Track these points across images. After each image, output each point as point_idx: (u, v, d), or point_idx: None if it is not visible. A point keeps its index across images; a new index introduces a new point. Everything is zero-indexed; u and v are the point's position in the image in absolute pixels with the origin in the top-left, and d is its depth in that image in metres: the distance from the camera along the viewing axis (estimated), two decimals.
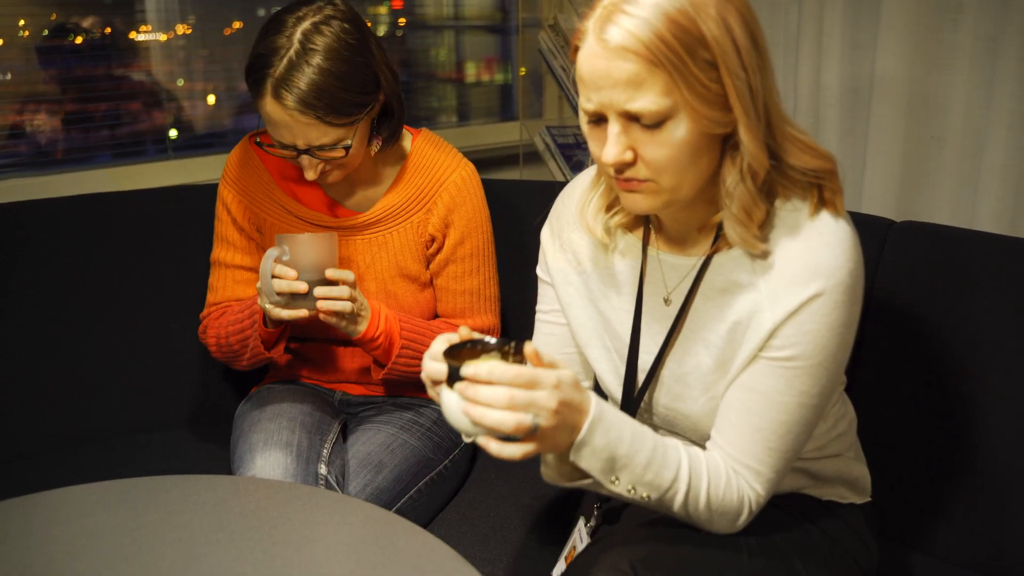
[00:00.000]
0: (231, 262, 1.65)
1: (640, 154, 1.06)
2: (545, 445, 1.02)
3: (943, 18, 1.76)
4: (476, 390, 0.96)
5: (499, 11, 2.86)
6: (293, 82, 1.37)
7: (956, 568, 1.45)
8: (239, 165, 1.63)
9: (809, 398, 1.11)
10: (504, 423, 0.95)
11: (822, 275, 1.08)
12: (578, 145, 2.44)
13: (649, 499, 1.10)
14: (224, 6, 2.31)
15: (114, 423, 1.81)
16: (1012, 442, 1.42)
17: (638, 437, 1.08)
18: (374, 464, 1.51)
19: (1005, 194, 1.71)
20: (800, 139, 1.11)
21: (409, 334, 1.55)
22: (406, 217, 1.61)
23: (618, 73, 1.01)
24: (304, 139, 1.43)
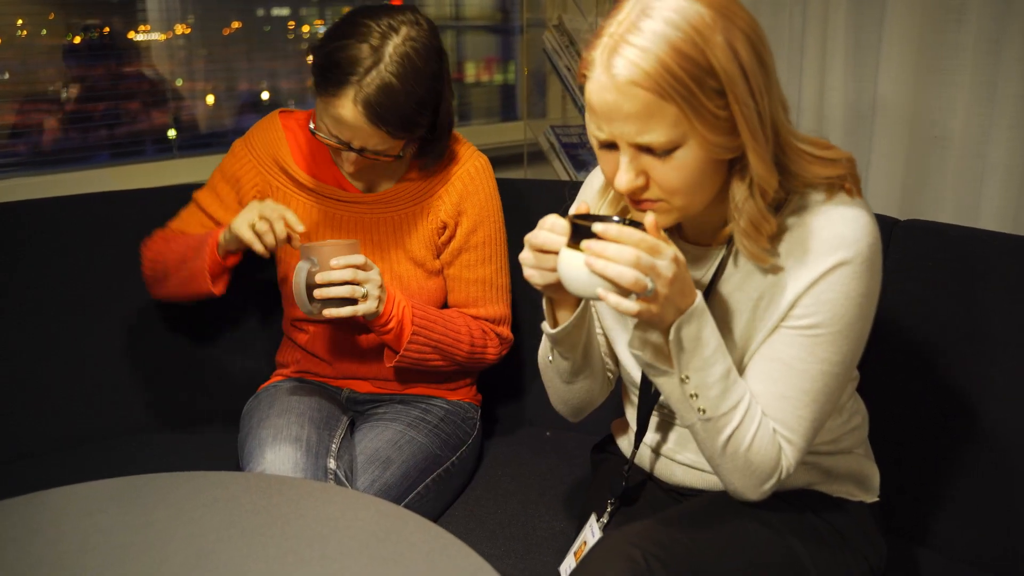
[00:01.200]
0: (208, 208, 1.67)
1: (652, 178, 1.08)
2: (655, 310, 1.04)
3: (947, 19, 1.77)
4: (604, 246, 1.00)
5: (500, 11, 2.86)
6: (378, 98, 1.41)
7: (964, 565, 1.46)
8: (263, 133, 1.66)
9: (831, 366, 1.13)
10: (625, 275, 0.99)
11: (843, 246, 1.10)
12: (582, 144, 2.44)
13: (703, 414, 1.11)
14: (223, 6, 2.30)
15: (115, 423, 1.80)
16: (1019, 439, 1.42)
17: (722, 350, 1.11)
18: (382, 460, 1.51)
19: (1008, 193, 1.72)
20: (809, 151, 1.12)
21: (421, 321, 1.55)
22: (417, 202, 1.63)
23: (628, 107, 1.03)
24: (362, 142, 1.47)
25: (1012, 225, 1.73)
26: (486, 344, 1.66)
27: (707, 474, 1.29)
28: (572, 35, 2.39)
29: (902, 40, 1.80)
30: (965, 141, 1.78)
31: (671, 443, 1.33)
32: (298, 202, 1.64)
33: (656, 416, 1.33)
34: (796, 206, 1.14)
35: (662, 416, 1.33)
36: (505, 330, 1.70)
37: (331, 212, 1.63)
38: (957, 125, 1.78)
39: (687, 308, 1.07)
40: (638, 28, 1.02)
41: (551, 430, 1.86)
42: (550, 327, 1.22)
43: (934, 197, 1.84)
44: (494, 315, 1.68)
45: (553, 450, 1.78)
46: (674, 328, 1.07)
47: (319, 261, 1.44)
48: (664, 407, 1.31)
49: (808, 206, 1.14)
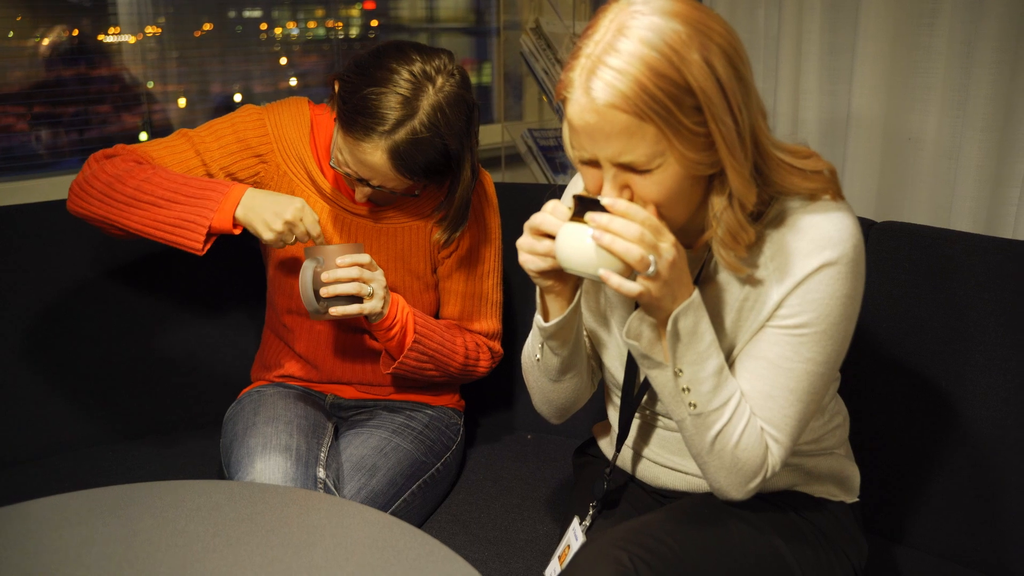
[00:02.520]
0: (203, 151, 1.56)
1: (635, 192, 1.08)
2: (654, 295, 1.06)
3: (919, 23, 1.79)
4: (610, 219, 1.02)
5: (473, 13, 2.86)
6: (407, 150, 1.40)
7: (943, 561, 1.48)
8: (290, 113, 1.60)
9: (816, 366, 1.14)
10: (632, 251, 1.01)
11: (829, 247, 1.11)
12: (559, 147, 2.44)
13: (694, 409, 1.12)
14: (194, 7, 2.28)
15: (91, 431, 1.78)
16: (994, 436, 1.45)
17: (714, 346, 1.12)
18: (368, 467, 1.50)
19: (980, 194, 1.75)
20: (789, 162, 1.13)
21: (422, 329, 1.55)
22: (420, 215, 1.61)
23: (608, 128, 1.03)
24: (381, 182, 1.47)
25: (985, 226, 1.75)
26: (479, 358, 1.66)
27: (690, 476, 1.30)
28: (549, 38, 2.39)
29: (876, 44, 1.82)
30: (938, 144, 1.80)
31: (653, 445, 1.33)
32: (305, 193, 1.60)
33: (638, 418, 1.33)
34: (777, 213, 1.15)
35: (644, 418, 1.33)
36: (497, 345, 1.70)
37: (335, 213, 1.61)
38: (930, 128, 1.81)
39: (684, 299, 1.08)
40: (615, 48, 1.02)
41: (532, 434, 1.87)
42: (542, 320, 1.22)
43: (908, 199, 1.87)
44: (487, 330, 1.68)
45: (534, 454, 1.78)
46: (672, 319, 1.08)
47: (324, 260, 1.44)
48: (647, 409, 1.31)
49: (789, 212, 1.15)
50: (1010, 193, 1.72)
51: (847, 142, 1.90)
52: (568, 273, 1.11)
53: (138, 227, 1.44)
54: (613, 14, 1.06)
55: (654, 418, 1.31)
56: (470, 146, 1.48)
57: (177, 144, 1.57)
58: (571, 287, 1.19)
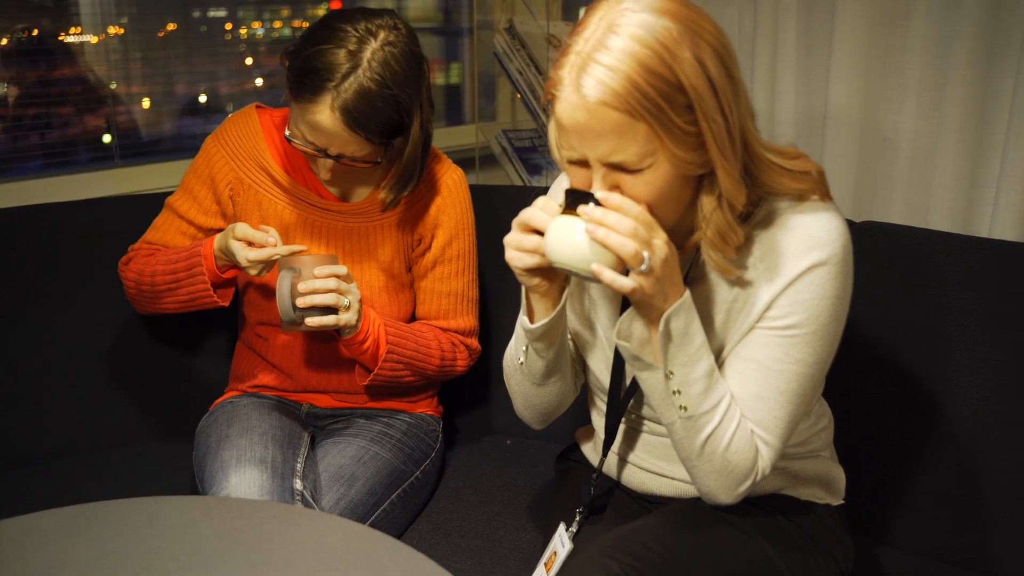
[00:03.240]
0: (184, 213, 1.61)
1: (625, 192, 1.07)
2: (647, 292, 1.05)
3: (895, 23, 1.79)
4: (604, 213, 1.01)
5: (442, 12, 2.83)
6: (356, 104, 1.38)
7: (927, 560, 1.48)
8: (238, 127, 1.61)
9: (806, 367, 1.14)
10: (626, 246, 1.00)
11: (818, 247, 1.11)
12: (534, 148, 2.43)
13: (684, 411, 1.11)
14: (158, 7, 2.24)
15: (58, 444, 1.73)
16: (978, 435, 1.46)
17: (706, 347, 1.11)
18: (346, 477, 1.47)
19: (957, 194, 1.75)
20: (778, 163, 1.13)
21: (394, 339, 1.53)
22: (392, 214, 1.60)
23: (600, 127, 1.02)
24: (339, 149, 1.44)
25: (961, 225, 1.76)
26: (455, 357, 1.64)
27: (676, 482, 1.29)
28: (523, 38, 2.38)
29: (852, 44, 1.82)
30: (914, 143, 1.80)
31: (639, 450, 1.32)
32: (272, 201, 1.59)
33: (624, 423, 1.32)
34: (766, 213, 1.14)
35: (630, 423, 1.32)
36: (474, 342, 1.68)
37: (305, 216, 1.59)
38: (906, 128, 1.81)
39: (676, 299, 1.07)
40: (605, 46, 1.01)
41: (512, 439, 1.84)
42: (528, 322, 1.20)
43: (885, 199, 1.87)
44: (464, 327, 1.66)
45: (515, 459, 1.76)
46: (664, 319, 1.07)
47: (301, 271, 1.42)
48: (632, 413, 1.30)
49: (778, 212, 1.14)
50: (986, 193, 1.73)
51: (824, 142, 1.90)
52: (556, 270, 1.09)
53: (176, 309, 1.57)
54: (603, 12, 1.04)
55: (640, 422, 1.30)
56: (420, 102, 1.47)
57: (166, 221, 1.63)
58: (558, 286, 1.17)
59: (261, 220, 1.59)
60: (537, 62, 2.36)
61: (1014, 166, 1.64)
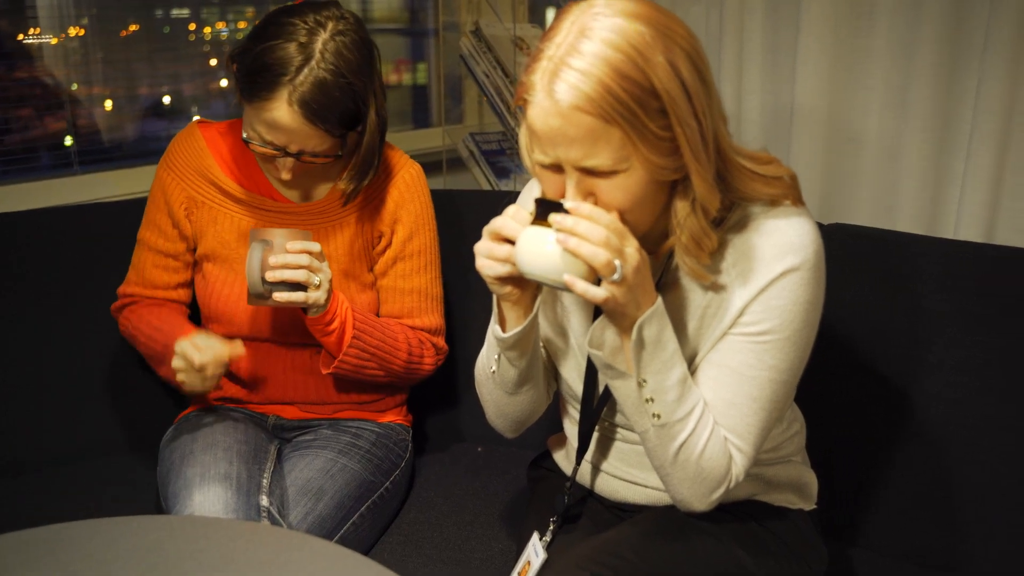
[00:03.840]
0: (154, 245, 1.61)
1: (599, 198, 1.06)
2: (620, 298, 1.04)
3: (859, 23, 1.80)
4: (576, 222, 1.00)
5: (407, 12, 2.81)
6: (313, 96, 1.37)
7: (899, 562, 1.49)
8: (182, 147, 1.59)
9: (779, 373, 1.14)
10: (598, 255, 0.99)
11: (791, 252, 1.11)
12: (502, 151, 2.41)
13: (658, 419, 1.10)
14: (119, 7, 2.20)
15: (16, 459, 1.68)
16: (950, 436, 1.47)
17: (678, 355, 1.10)
18: (314, 491, 1.44)
19: (922, 194, 1.76)
20: (750, 168, 1.12)
21: (361, 325, 1.51)
22: (350, 212, 1.58)
23: (573, 132, 1.01)
24: (300, 145, 1.42)
25: (927, 225, 1.77)
26: (423, 354, 1.62)
27: (650, 490, 1.28)
28: (489, 41, 2.36)
29: (817, 44, 1.82)
30: (880, 143, 1.81)
31: (612, 459, 1.31)
32: (227, 215, 1.57)
33: (597, 431, 1.31)
34: (739, 218, 1.14)
35: (603, 430, 1.31)
36: (441, 340, 1.66)
37: (261, 223, 1.57)
38: (872, 128, 1.82)
39: (648, 307, 1.06)
40: (578, 50, 1.00)
41: (483, 446, 1.83)
42: (500, 330, 1.19)
43: (852, 199, 1.88)
44: (430, 325, 1.64)
45: (486, 467, 1.74)
46: (636, 327, 1.06)
47: (273, 244, 1.39)
48: (606, 421, 1.29)
49: (751, 217, 1.14)
50: (951, 192, 1.74)
51: (790, 142, 1.91)
52: (528, 280, 1.07)
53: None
54: (574, 16, 1.03)
55: (613, 430, 1.29)
56: (374, 88, 1.46)
57: (141, 258, 1.63)
58: (530, 295, 1.16)
59: (217, 236, 1.57)
60: (504, 65, 2.35)
61: (978, 166, 1.65)
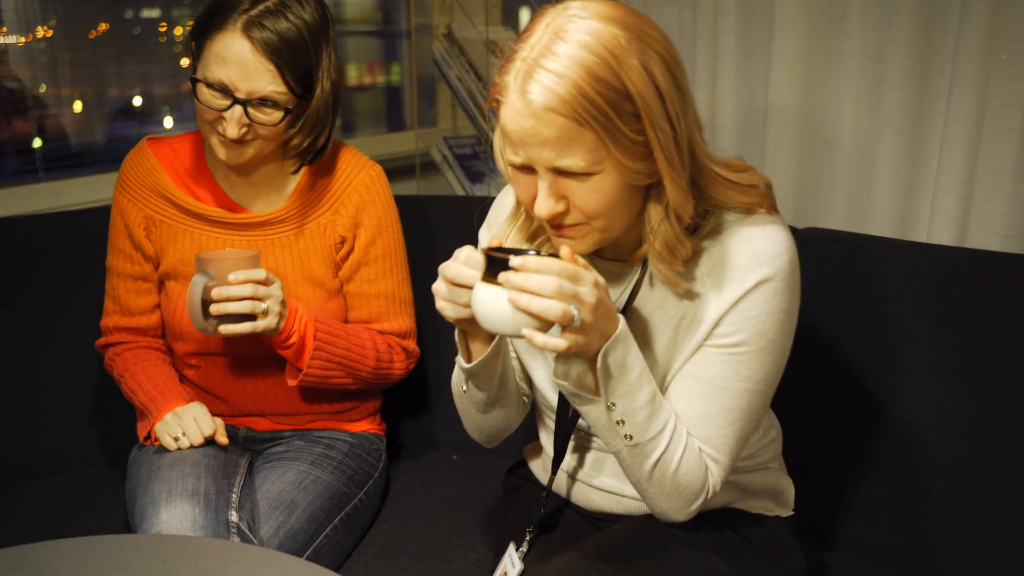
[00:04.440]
0: (124, 271, 1.59)
1: (571, 201, 1.06)
2: (582, 340, 1.02)
3: (831, 27, 1.80)
4: (526, 277, 0.97)
5: (380, 12, 2.79)
6: (267, 25, 1.39)
7: (877, 565, 1.49)
8: (134, 167, 1.58)
9: (755, 383, 1.13)
10: (552, 310, 0.97)
11: (766, 262, 1.10)
12: (475, 155, 2.40)
13: (630, 440, 1.09)
14: (88, 7, 2.17)
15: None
16: (923, 439, 1.47)
17: (646, 374, 1.09)
18: (286, 504, 1.42)
19: (896, 198, 1.76)
20: (724, 176, 1.12)
21: (324, 336, 1.50)
22: (312, 218, 1.56)
23: (546, 132, 1.00)
24: (249, 85, 1.40)
25: (901, 227, 1.77)
26: (392, 359, 1.60)
27: (626, 499, 1.28)
28: (462, 44, 2.35)
29: (791, 46, 1.82)
30: (853, 146, 1.81)
31: (588, 468, 1.31)
32: (186, 231, 1.55)
33: (572, 440, 1.30)
34: (713, 226, 1.14)
35: (579, 441, 1.31)
36: (411, 344, 1.65)
37: (223, 238, 1.55)
38: (846, 130, 1.82)
39: (611, 334, 1.05)
40: (552, 52, 1.00)
41: (458, 454, 1.81)
42: (464, 361, 1.18)
43: (826, 201, 1.88)
44: (399, 329, 1.62)
45: (462, 475, 1.73)
46: (600, 355, 1.05)
47: (216, 275, 1.36)
48: (581, 431, 1.29)
49: (726, 225, 1.14)
50: (924, 195, 1.75)
51: (764, 144, 1.91)
52: None
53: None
54: (549, 19, 1.03)
55: (588, 440, 1.29)
56: (327, 46, 1.46)
57: (114, 286, 1.61)
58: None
59: (177, 253, 1.55)
60: (476, 68, 2.33)
61: (950, 169, 1.65)
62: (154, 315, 1.61)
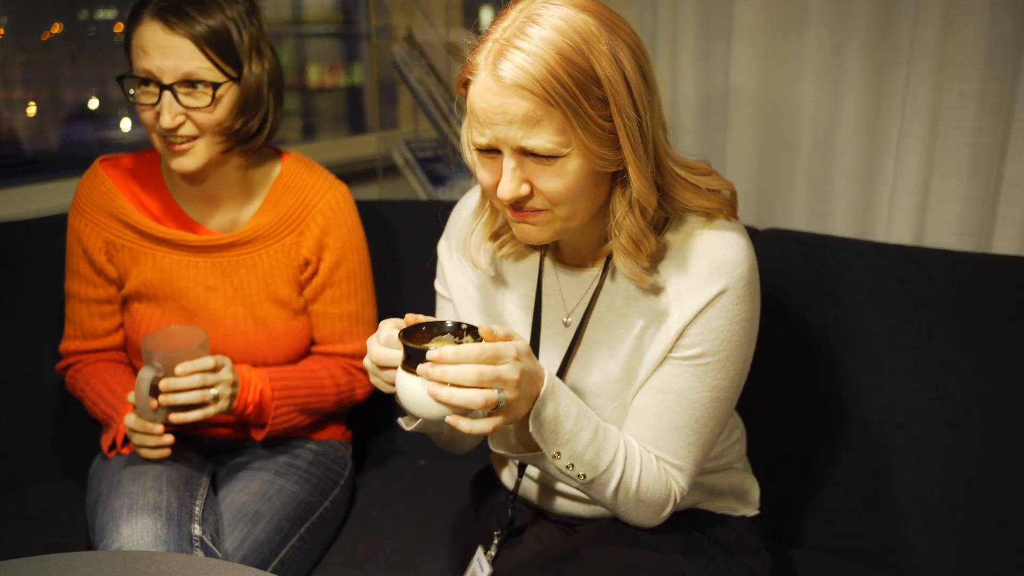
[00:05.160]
0: (84, 295, 1.56)
1: (535, 186, 1.06)
2: (509, 416, 1.03)
3: (788, 29, 1.81)
4: (444, 370, 0.97)
5: (341, 12, 2.76)
6: (180, 6, 1.38)
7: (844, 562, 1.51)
8: (90, 191, 1.54)
9: (720, 392, 1.15)
10: (474, 400, 0.97)
11: (726, 272, 1.12)
12: (437, 159, 2.39)
13: (584, 478, 1.11)
14: (40, 8, 2.12)
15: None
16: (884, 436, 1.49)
17: (583, 416, 1.10)
18: (250, 515, 1.41)
19: (854, 198, 1.78)
20: (685, 178, 1.13)
21: (282, 392, 1.50)
22: (276, 239, 1.54)
23: (514, 110, 1.01)
24: (171, 64, 1.38)
25: (859, 229, 1.79)
26: (353, 386, 1.60)
27: (593, 504, 1.28)
28: (422, 47, 2.33)
29: (749, 51, 1.83)
30: (813, 148, 1.83)
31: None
32: (148, 254, 1.53)
33: None
34: (675, 228, 1.15)
35: None
36: None
37: (186, 260, 1.53)
38: (805, 133, 1.83)
39: (539, 394, 1.06)
40: (525, 33, 1.01)
41: (425, 459, 1.80)
42: (405, 425, 1.19)
43: (786, 203, 1.89)
44: (360, 351, 1.61)
45: (429, 482, 1.72)
46: (532, 418, 1.06)
47: (164, 367, 1.35)
48: None
49: (687, 229, 1.15)
50: (882, 194, 1.77)
51: (725, 148, 1.92)
52: None
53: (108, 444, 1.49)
54: (523, 4, 1.05)
55: None
56: (252, 32, 1.44)
57: (74, 310, 1.58)
58: None
59: (140, 276, 1.53)
60: (437, 71, 2.32)
61: (907, 168, 1.67)
62: (117, 335, 1.59)
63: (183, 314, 1.52)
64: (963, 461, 1.43)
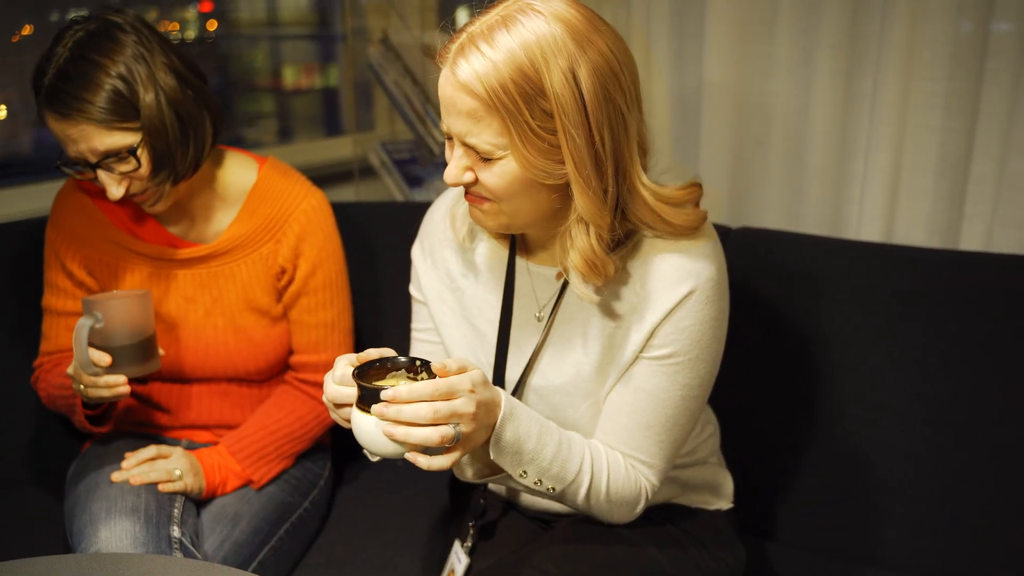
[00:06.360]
0: (62, 309, 1.54)
1: (478, 178, 1.09)
2: (467, 448, 1.04)
3: (759, 30, 1.83)
4: (399, 409, 0.97)
5: (316, 14, 2.76)
6: (62, 88, 1.32)
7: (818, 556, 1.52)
8: (67, 206, 1.53)
9: (691, 390, 1.17)
10: (431, 438, 0.97)
11: (693, 274, 1.13)
12: (413, 160, 2.40)
13: (554, 491, 1.13)
14: (10, 9, 2.10)
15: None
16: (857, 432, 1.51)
17: (545, 432, 1.12)
18: (229, 517, 1.41)
19: (824, 196, 1.81)
20: (652, 207, 1.11)
21: (256, 453, 1.51)
22: (254, 248, 1.54)
23: (460, 105, 1.04)
24: (88, 146, 1.35)
25: (830, 227, 1.82)
26: (317, 412, 1.59)
27: None
28: (398, 49, 2.34)
29: (721, 51, 1.85)
30: (785, 148, 1.85)
31: None
32: (129, 269, 1.52)
33: None
34: (637, 241, 1.16)
35: None
36: None
37: (166, 272, 1.52)
38: (777, 132, 1.85)
39: (496, 421, 1.07)
40: (491, 37, 1.03)
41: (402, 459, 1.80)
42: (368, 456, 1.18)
43: (758, 201, 1.91)
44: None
45: (408, 481, 1.71)
46: (492, 444, 1.07)
47: (103, 316, 1.32)
48: None
49: (651, 241, 1.15)
50: (852, 193, 1.79)
51: (699, 146, 1.94)
52: None
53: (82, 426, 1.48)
54: (508, 3, 1.07)
55: None
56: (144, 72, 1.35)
57: (52, 326, 1.55)
58: None
59: (121, 288, 1.52)
60: (413, 73, 2.33)
61: (876, 167, 1.70)
62: None
63: (162, 326, 1.51)
64: (934, 455, 1.46)
